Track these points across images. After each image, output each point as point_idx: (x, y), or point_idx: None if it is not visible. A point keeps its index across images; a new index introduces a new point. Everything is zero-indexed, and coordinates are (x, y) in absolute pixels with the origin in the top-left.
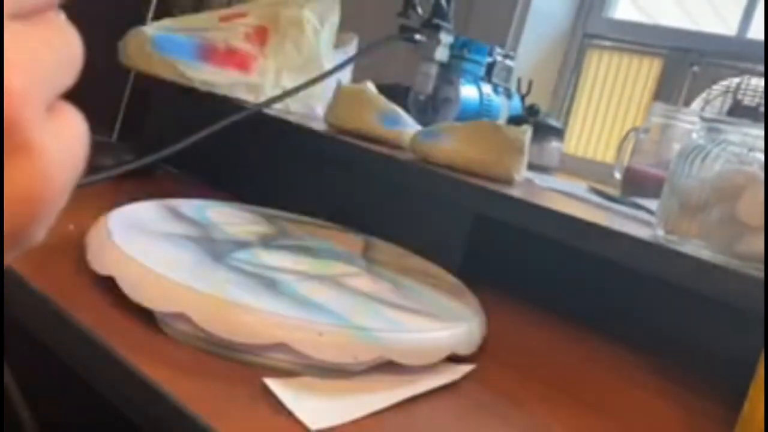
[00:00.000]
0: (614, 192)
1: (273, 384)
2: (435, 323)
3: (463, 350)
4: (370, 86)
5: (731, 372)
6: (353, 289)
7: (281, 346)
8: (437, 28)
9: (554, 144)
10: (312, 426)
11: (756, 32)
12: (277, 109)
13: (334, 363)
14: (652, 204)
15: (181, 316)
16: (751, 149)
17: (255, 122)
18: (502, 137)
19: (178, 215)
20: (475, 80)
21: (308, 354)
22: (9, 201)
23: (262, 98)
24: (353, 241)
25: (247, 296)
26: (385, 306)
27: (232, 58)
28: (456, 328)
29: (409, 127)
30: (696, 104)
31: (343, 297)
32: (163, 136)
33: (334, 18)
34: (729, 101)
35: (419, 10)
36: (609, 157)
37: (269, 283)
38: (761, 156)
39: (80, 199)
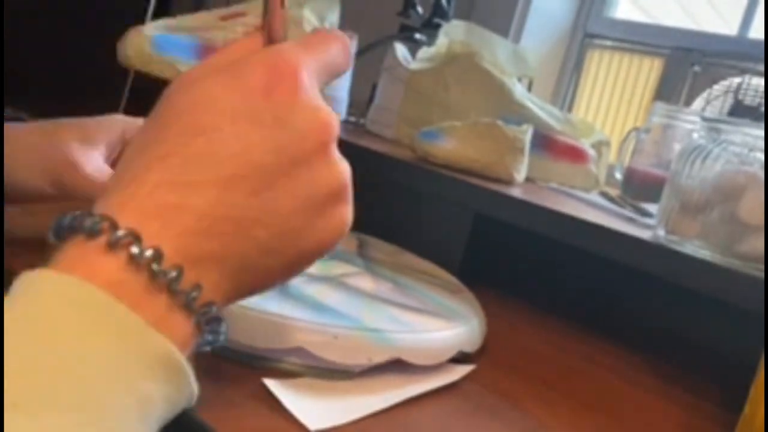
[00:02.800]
0: (614, 192)
1: (272, 385)
2: (442, 322)
3: (469, 348)
4: None
5: (731, 372)
6: (357, 290)
7: (297, 350)
8: (437, 28)
9: None
10: (311, 427)
11: (757, 32)
12: None
13: (350, 365)
14: (653, 207)
15: None
16: (752, 149)
17: None
18: (503, 137)
19: None
20: None
21: (324, 357)
22: None
23: None
24: (346, 238)
25: (260, 301)
26: (391, 306)
27: None
28: (461, 326)
29: None
30: (697, 104)
31: (350, 298)
32: None
33: (334, 17)
34: (730, 101)
35: (419, 9)
36: (610, 157)
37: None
38: (762, 156)
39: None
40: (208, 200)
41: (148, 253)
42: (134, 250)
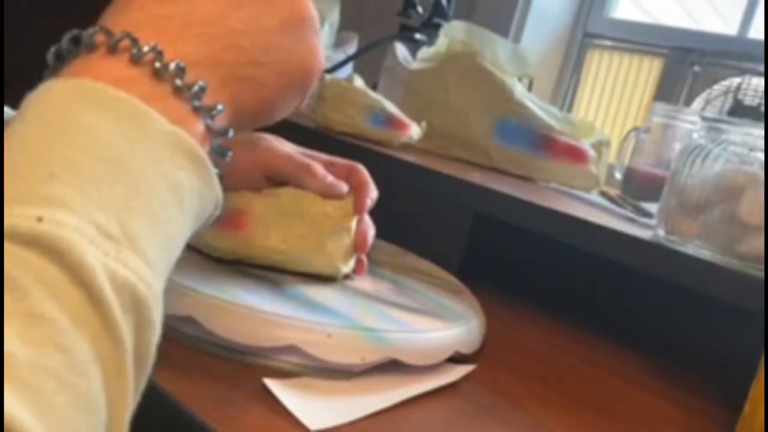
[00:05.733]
0: (614, 192)
1: (273, 384)
2: (439, 323)
3: (466, 349)
4: (358, 81)
5: (731, 372)
6: (356, 290)
7: (290, 349)
8: (437, 28)
9: None
10: (311, 426)
11: (757, 32)
12: None
13: (343, 364)
14: (653, 207)
15: (188, 320)
16: (752, 149)
17: None
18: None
19: None
20: None
21: (317, 356)
22: None
23: None
24: None
25: (254, 299)
26: (389, 306)
27: None
28: (459, 327)
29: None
30: (697, 104)
31: (347, 298)
32: None
33: (334, 17)
34: (730, 101)
35: (419, 9)
36: (609, 157)
37: (274, 285)
38: (762, 156)
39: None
40: (196, 10)
41: (147, 48)
42: (134, 50)
